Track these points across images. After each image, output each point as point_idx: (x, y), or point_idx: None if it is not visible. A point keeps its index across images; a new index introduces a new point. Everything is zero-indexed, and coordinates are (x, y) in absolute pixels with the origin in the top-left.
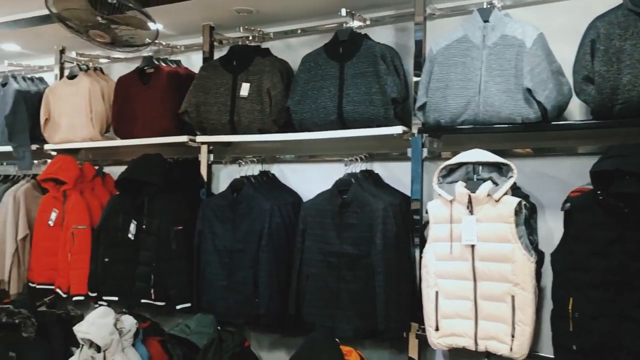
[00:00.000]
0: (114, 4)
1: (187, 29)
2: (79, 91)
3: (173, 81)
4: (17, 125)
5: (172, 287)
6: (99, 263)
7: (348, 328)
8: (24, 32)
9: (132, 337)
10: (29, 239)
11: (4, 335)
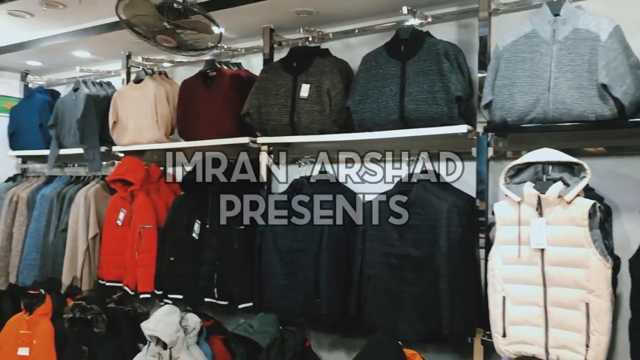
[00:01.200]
0: (180, 9)
1: (248, 32)
2: (145, 94)
3: (235, 84)
4: (87, 129)
5: (235, 286)
6: (165, 262)
7: (411, 331)
8: (93, 40)
9: (196, 336)
10: (98, 237)
11: (77, 330)
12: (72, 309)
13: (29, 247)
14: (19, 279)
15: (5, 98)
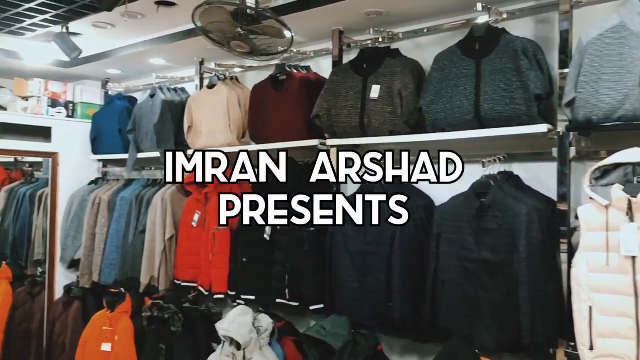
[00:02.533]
0: (253, 15)
1: (317, 35)
2: (218, 99)
3: (304, 87)
4: (164, 133)
5: (306, 288)
6: (238, 263)
7: (489, 339)
8: (168, 47)
9: (268, 336)
10: (174, 238)
11: (155, 329)
12: (151, 307)
13: (110, 248)
14: (101, 278)
15: (88, 105)
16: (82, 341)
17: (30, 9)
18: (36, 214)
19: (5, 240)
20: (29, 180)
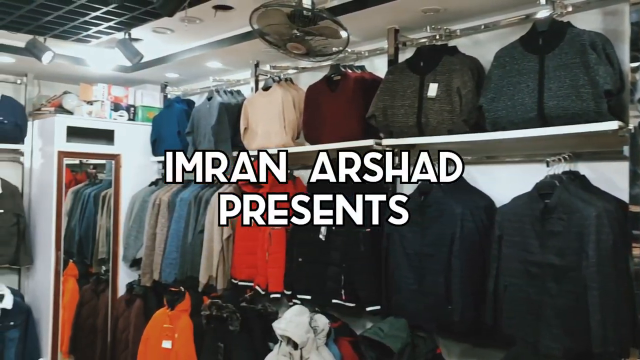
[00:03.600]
0: (309, 17)
1: (371, 34)
2: (273, 101)
3: (359, 86)
4: (221, 135)
5: (362, 289)
6: (294, 262)
7: (555, 347)
8: (225, 51)
9: (325, 337)
10: (232, 238)
11: (214, 327)
12: (210, 306)
13: (170, 247)
14: (161, 277)
15: (148, 108)
16: (144, 338)
17: (96, 17)
18: (100, 214)
19: (72, 239)
20: (93, 182)
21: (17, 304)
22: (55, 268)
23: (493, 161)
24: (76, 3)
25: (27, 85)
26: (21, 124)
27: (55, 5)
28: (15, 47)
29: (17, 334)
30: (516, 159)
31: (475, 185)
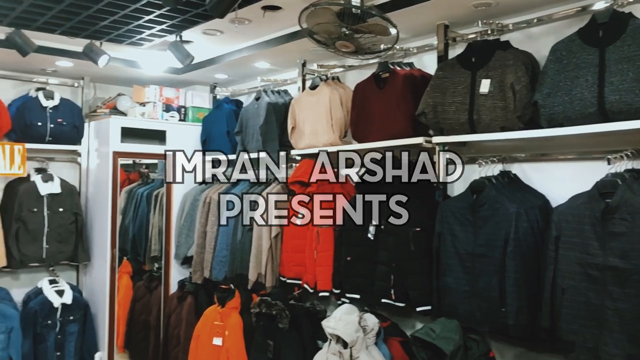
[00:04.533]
0: (358, 14)
1: (420, 31)
2: (320, 100)
3: (408, 84)
4: (268, 134)
5: (412, 289)
6: (342, 261)
7: (618, 353)
8: (272, 51)
9: (374, 336)
10: (280, 236)
11: (263, 325)
12: (259, 304)
13: (220, 245)
14: (212, 274)
15: (198, 109)
16: (195, 334)
17: (150, 20)
18: (152, 213)
19: (126, 237)
20: (145, 181)
21: (76, 299)
22: (111, 265)
23: (548, 159)
24: (131, 7)
25: (83, 88)
26: (79, 125)
27: (111, 10)
28: (73, 51)
29: (76, 328)
30: (572, 156)
31: (529, 184)
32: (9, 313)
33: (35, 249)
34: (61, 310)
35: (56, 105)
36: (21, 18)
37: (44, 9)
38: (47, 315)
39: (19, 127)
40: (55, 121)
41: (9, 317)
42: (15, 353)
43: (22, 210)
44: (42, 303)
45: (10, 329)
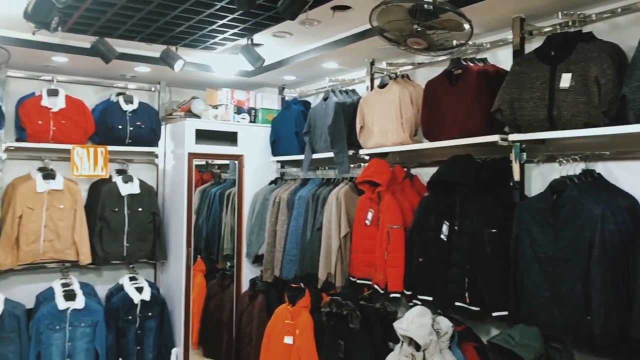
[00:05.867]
0: (430, 10)
1: (494, 25)
2: (390, 98)
3: (482, 80)
4: (337, 134)
5: (488, 292)
6: (414, 262)
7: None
8: (341, 51)
9: (448, 340)
10: (349, 236)
11: (334, 324)
12: (330, 303)
13: (290, 244)
14: (282, 273)
15: (267, 110)
16: (267, 333)
17: (223, 24)
18: (225, 212)
19: (200, 236)
20: (217, 181)
21: (154, 296)
22: (187, 263)
23: (636, 156)
24: (205, 12)
25: (160, 92)
26: (156, 128)
27: (187, 15)
28: (151, 57)
29: (154, 323)
30: None
31: (615, 184)
32: (94, 308)
33: (117, 247)
34: (140, 307)
35: (135, 109)
36: (104, 27)
37: (125, 17)
38: (128, 311)
39: (101, 131)
40: (134, 124)
41: (94, 312)
42: (100, 346)
43: (105, 210)
44: (124, 299)
45: (95, 323)
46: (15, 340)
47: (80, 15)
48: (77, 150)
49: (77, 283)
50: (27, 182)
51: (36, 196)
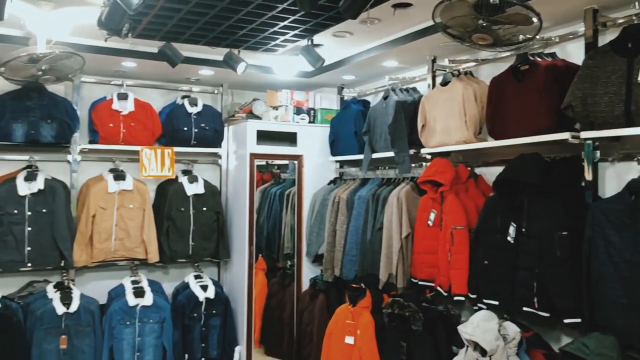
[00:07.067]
0: (496, 5)
1: (564, 18)
2: (453, 96)
3: (551, 75)
4: (397, 133)
5: (558, 298)
6: (478, 265)
7: None
8: (401, 49)
9: (516, 346)
10: (411, 237)
11: (395, 326)
12: (391, 304)
13: (350, 244)
14: (342, 273)
15: (326, 111)
16: (328, 332)
17: (284, 26)
18: (285, 212)
19: (261, 235)
20: (277, 181)
21: (218, 294)
22: (249, 262)
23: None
24: (267, 15)
25: (222, 94)
26: (219, 129)
27: (249, 18)
28: (214, 60)
29: (218, 321)
30: None
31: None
32: (162, 305)
33: (183, 246)
34: (205, 304)
35: (199, 111)
36: (171, 32)
37: (190, 22)
38: (193, 309)
39: (168, 133)
40: (199, 126)
41: (162, 309)
42: (167, 342)
43: (172, 209)
44: (189, 297)
45: (163, 319)
46: (91, 334)
47: (148, 21)
48: (145, 151)
49: (146, 280)
50: (100, 183)
51: (108, 196)
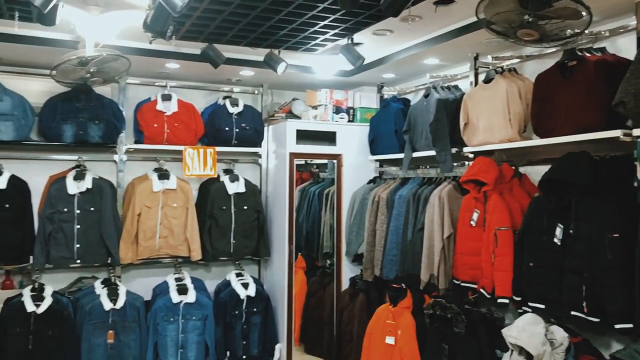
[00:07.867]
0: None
1: (614, 11)
2: (496, 94)
3: (601, 71)
4: (439, 132)
5: (609, 303)
6: (524, 267)
7: None
8: (442, 46)
9: (564, 352)
10: (453, 237)
11: (437, 327)
12: (433, 305)
13: (390, 244)
14: (382, 273)
15: (365, 109)
16: (368, 332)
17: (324, 25)
18: (324, 211)
19: (300, 233)
20: (316, 180)
21: (258, 292)
22: (289, 260)
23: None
24: (308, 14)
25: (262, 94)
26: (259, 129)
27: (290, 19)
28: (254, 61)
29: (259, 319)
30: None
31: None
32: (204, 302)
33: (224, 244)
34: (246, 302)
35: (240, 111)
36: (213, 34)
37: (232, 23)
38: (234, 306)
39: (210, 132)
40: (240, 126)
41: (204, 306)
42: (210, 338)
43: (214, 208)
44: (231, 294)
45: (205, 316)
46: (136, 329)
47: (191, 23)
48: (189, 151)
49: (189, 278)
50: (145, 182)
51: (153, 195)
